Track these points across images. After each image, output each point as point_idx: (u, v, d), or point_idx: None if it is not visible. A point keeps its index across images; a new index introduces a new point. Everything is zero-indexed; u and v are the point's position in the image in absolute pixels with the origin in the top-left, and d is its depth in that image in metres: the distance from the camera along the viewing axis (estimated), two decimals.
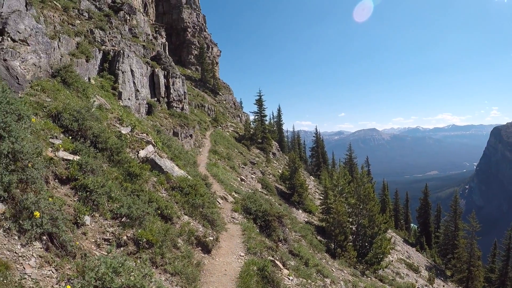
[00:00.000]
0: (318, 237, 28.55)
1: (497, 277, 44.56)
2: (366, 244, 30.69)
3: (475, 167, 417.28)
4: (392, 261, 38.43)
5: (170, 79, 36.01)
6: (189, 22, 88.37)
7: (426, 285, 37.92)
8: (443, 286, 43.53)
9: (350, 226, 30.48)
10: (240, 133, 57.48)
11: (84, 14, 27.90)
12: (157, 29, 52.71)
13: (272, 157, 55.30)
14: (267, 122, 63.52)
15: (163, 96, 34.97)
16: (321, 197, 40.14)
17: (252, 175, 37.11)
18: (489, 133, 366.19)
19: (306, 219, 34.44)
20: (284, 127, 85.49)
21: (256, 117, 58.31)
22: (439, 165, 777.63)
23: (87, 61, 21.78)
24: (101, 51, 25.65)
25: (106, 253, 7.46)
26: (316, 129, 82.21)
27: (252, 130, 55.77)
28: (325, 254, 24.56)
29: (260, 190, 31.86)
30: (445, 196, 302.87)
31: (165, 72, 35.74)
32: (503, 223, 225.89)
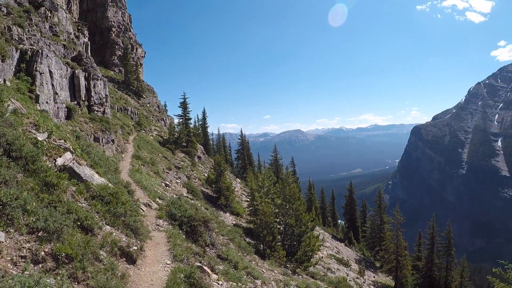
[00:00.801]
0: (247, 239, 28.75)
1: (424, 264, 47.40)
2: (295, 243, 31.33)
3: (397, 163, 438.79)
4: (322, 257, 39.65)
5: (91, 81, 34.33)
6: (114, 21, 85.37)
7: (357, 278, 39.52)
8: (374, 277, 45.81)
9: (278, 226, 30.87)
10: (165, 137, 56.67)
11: (2, 9, 26.18)
12: (79, 27, 50.44)
13: (197, 160, 54.96)
14: (192, 125, 62.90)
15: (83, 99, 33.23)
16: (248, 199, 40.40)
17: (177, 180, 36.69)
18: (409, 132, 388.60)
19: (234, 222, 34.56)
20: (209, 130, 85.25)
21: (181, 120, 57.50)
22: (363, 163, 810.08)
23: (2, 61, 20.45)
24: (19, 50, 23.77)
25: (21, 272, 7.10)
26: (241, 131, 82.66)
27: (176, 133, 55.06)
28: (255, 255, 24.73)
29: (185, 195, 31.56)
30: (370, 192, 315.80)
31: (86, 73, 33.97)
32: (426, 214, 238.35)
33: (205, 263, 14.58)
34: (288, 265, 27.37)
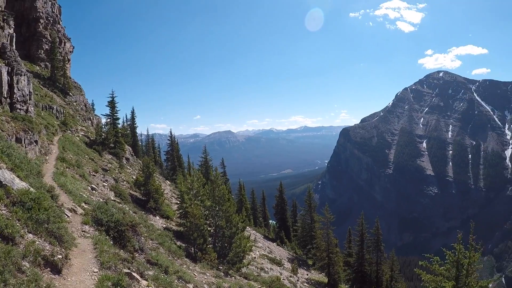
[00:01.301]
0: (178, 243, 28.34)
1: (355, 260, 48.89)
2: (226, 244, 31.11)
3: (326, 164, 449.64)
4: (255, 257, 40.01)
5: (14, 77, 31.66)
6: (42, 12, 79.84)
7: (291, 276, 40.00)
8: (307, 274, 46.86)
9: (209, 229, 30.77)
10: (91, 138, 54.63)
11: None
12: (5, 17, 47.42)
13: (125, 162, 53.69)
14: (120, 126, 61.21)
15: (5, 96, 30.70)
16: (178, 202, 40.01)
17: (104, 183, 35.64)
18: (338, 134, 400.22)
19: (164, 225, 34.13)
20: (138, 131, 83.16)
21: (109, 120, 55.59)
22: (293, 164, 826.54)
23: None
24: None
25: None
26: (170, 132, 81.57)
27: (104, 134, 53.25)
28: (186, 259, 24.46)
29: (113, 199, 30.72)
30: (300, 192, 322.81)
31: (9, 68, 31.42)
32: (355, 212, 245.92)
33: (134, 269, 14.16)
34: (221, 267, 27.18)
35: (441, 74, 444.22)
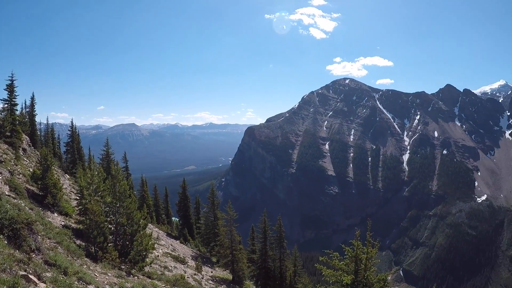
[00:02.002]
0: (77, 241, 27.09)
1: (259, 257, 49.29)
2: (128, 242, 30.04)
3: (230, 162, 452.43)
4: (158, 256, 39.06)
5: None
6: None
7: (195, 274, 39.66)
8: (211, 272, 46.73)
9: (109, 226, 29.53)
10: None
11: None
12: None
13: (22, 153, 50.39)
14: (18, 112, 57.54)
15: None
16: (77, 197, 38.17)
17: None
18: (243, 132, 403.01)
19: (63, 223, 32.44)
20: (37, 119, 78.44)
21: (6, 105, 51.96)
22: (197, 160, 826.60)
23: None
24: None
25: None
26: (72, 122, 77.87)
27: (0, 121, 49.78)
28: (86, 259, 23.47)
29: (7, 194, 28.72)
30: (203, 189, 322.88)
31: None
32: (258, 209, 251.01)
33: (30, 271, 13.36)
34: (123, 267, 26.45)
35: (347, 81, 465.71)
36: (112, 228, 30.55)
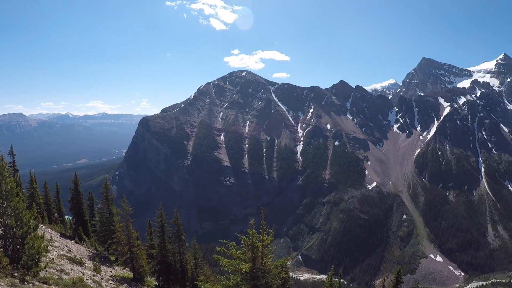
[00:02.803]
0: None
1: (158, 251, 48.46)
2: (18, 246, 27.96)
3: (124, 154, 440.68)
4: (53, 259, 36.53)
5: None
6: None
7: (94, 275, 37.67)
8: (111, 271, 44.77)
9: None
10: None
11: None
12: None
13: None
14: None
15: None
16: None
17: None
18: (137, 123, 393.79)
19: None
20: None
21: None
22: (89, 153, 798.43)
23: None
24: None
25: None
26: None
27: None
28: None
29: None
30: (97, 183, 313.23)
31: None
32: (155, 203, 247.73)
33: None
34: (16, 274, 24.30)
35: (244, 73, 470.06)
36: (1, 232, 27.63)
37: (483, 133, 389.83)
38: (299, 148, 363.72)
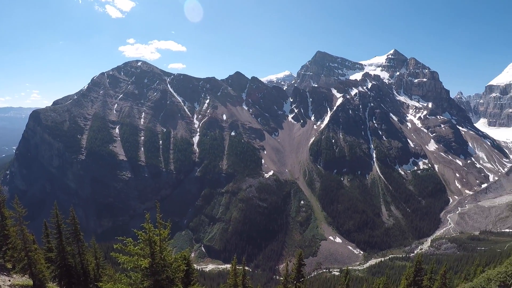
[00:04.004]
0: None
1: (57, 254, 46.47)
2: None
3: (14, 151, 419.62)
4: None
5: None
6: None
7: None
8: (9, 280, 43.56)
9: None
10: None
11: None
12: None
13: None
14: None
15: None
16: None
17: None
18: (28, 116, 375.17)
19: None
20: None
21: None
22: None
23: None
24: None
25: None
26: None
27: None
28: None
29: None
30: None
31: None
32: (50, 202, 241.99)
33: None
34: None
35: (139, 64, 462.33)
36: None
37: (374, 121, 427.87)
38: (196, 139, 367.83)
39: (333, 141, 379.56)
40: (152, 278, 21.48)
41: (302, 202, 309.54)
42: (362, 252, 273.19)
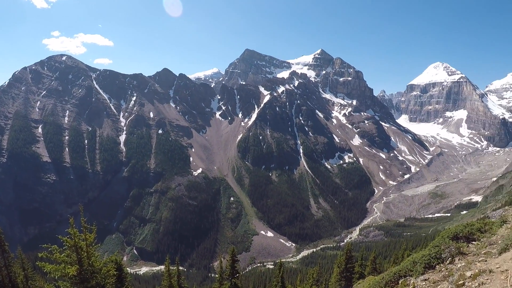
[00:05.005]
0: None
1: None
2: None
3: None
4: None
5: None
6: None
7: None
8: None
9: None
10: None
11: None
12: None
13: None
14: None
15: None
16: None
17: None
18: None
19: None
20: None
21: None
22: None
23: None
24: None
25: None
26: None
27: None
28: None
29: None
30: None
31: None
32: None
33: None
34: None
35: (64, 58, 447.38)
36: None
37: (301, 118, 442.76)
38: (122, 138, 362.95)
39: (260, 137, 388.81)
40: (82, 285, 21.12)
41: (232, 198, 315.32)
42: (294, 245, 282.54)
